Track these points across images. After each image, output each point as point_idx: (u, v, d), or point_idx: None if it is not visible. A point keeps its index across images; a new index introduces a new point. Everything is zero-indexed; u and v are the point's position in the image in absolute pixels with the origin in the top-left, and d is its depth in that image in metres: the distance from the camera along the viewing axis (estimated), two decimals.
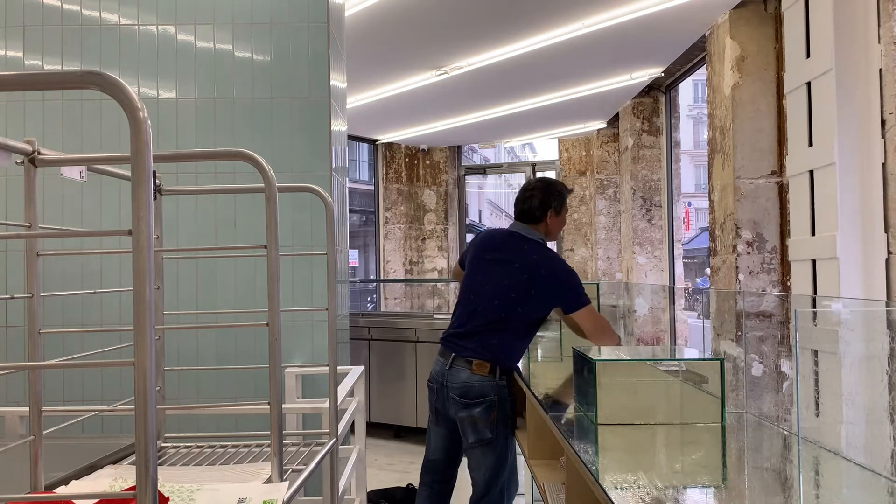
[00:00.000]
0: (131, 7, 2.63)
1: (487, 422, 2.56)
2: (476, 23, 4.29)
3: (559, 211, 2.74)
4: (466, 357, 2.59)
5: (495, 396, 2.56)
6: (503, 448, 2.60)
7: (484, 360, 2.57)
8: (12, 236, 1.08)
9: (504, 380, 2.59)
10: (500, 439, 2.59)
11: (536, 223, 2.73)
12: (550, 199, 2.72)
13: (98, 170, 1.35)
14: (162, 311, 1.58)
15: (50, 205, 2.55)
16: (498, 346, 2.59)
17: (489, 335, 2.60)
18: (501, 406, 2.58)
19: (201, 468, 1.42)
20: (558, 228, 2.79)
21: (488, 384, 2.56)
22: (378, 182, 8.22)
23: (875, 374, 1.50)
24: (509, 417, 2.62)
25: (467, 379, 2.58)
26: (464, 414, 2.58)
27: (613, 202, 7.23)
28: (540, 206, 2.71)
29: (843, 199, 2.79)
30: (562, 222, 2.78)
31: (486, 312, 2.62)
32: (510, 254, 2.68)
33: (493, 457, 2.58)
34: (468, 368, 2.58)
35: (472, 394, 2.57)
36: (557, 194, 2.74)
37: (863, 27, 2.80)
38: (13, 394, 2.26)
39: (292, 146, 2.65)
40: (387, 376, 5.62)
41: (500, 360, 2.58)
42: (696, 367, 1.93)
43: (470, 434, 2.59)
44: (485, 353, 2.58)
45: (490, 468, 2.59)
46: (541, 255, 2.66)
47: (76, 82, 0.77)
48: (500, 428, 2.58)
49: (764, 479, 1.48)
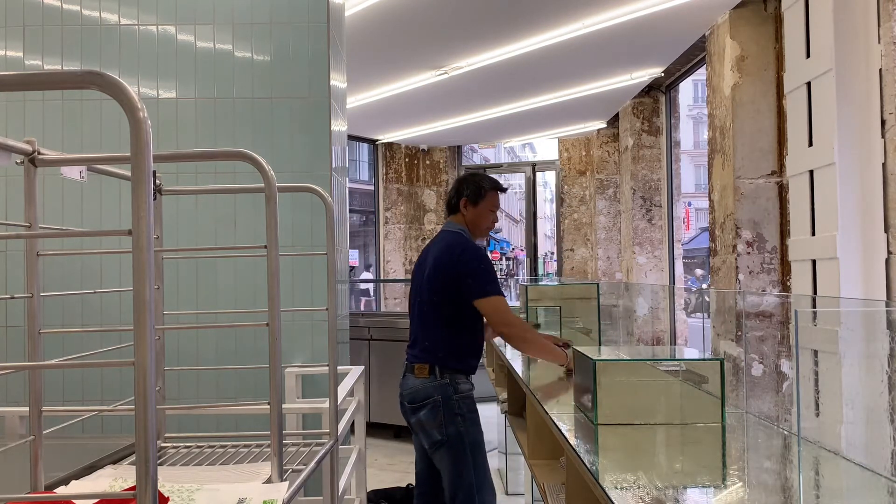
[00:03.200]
0: (131, 7, 2.63)
1: (434, 423, 2.55)
2: (476, 23, 4.29)
3: (475, 201, 2.70)
4: (410, 363, 2.65)
5: (438, 396, 2.55)
6: (459, 449, 2.55)
7: (423, 363, 2.60)
8: (12, 236, 1.08)
9: (447, 378, 2.57)
10: (454, 440, 2.54)
11: (454, 213, 2.75)
12: (463, 188, 2.73)
13: (98, 170, 1.35)
14: (162, 311, 1.58)
15: (50, 205, 2.55)
16: (431, 346, 2.61)
17: (424, 337, 2.64)
18: (447, 406, 2.55)
19: (201, 468, 1.42)
20: (479, 221, 2.73)
21: (430, 385, 2.57)
22: (378, 182, 8.22)
23: (875, 374, 1.50)
24: (460, 416, 2.57)
25: (412, 384, 2.62)
26: (413, 420, 2.62)
27: (613, 202, 7.23)
28: (455, 194, 2.75)
29: (843, 199, 2.79)
30: (481, 215, 2.72)
31: (417, 315, 2.69)
32: (434, 251, 2.70)
33: (450, 459, 2.55)
34: (412, 374, 2.63)
35: (418, 398, 2.59)
36: (471, 184, 2.73)
37: (863, 27, 2.80)
38: (13, 394, 2.26)
39: (292, 146, 2.65)
40: (387, 376, 5.62)
41: (438, 360, 2.59)
42: (696, 367, 1.93)
43: (423, 439, 2.60)
44: (423, 355, 2.61)
45: (450, 471, 2.55)
46: (450, 241, 2.67)
47: (76, 82, 0.77)
48: (449, 428, 2.54)
49: (764, 480, 1.48)
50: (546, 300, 3.46)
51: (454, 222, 2.74)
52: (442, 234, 2.74)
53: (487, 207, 2.72)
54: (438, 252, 2.65)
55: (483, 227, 2.76)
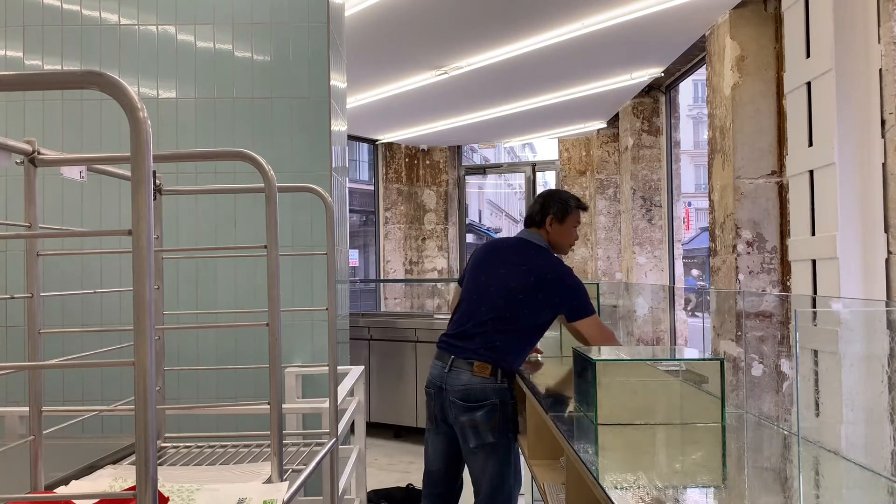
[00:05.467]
0: (131, 7, 2.63)
1: (489, 426, 2.50)
2: (476, 23, 4.29)
3: (561, 219, 2.72)
4: (467, 358, 2.54)
5: (497, 399, 2.51)
6: (506, 452, 2.55)
7: (485, 362, 2.52)
8: (12, 236, 1.08)
9: (506, 382, 2.54)
10: (503, 443, 2.53)
11: (538, 228, 2.74)
12: (550, 204, 2.73)
13: (98, 170, 1.35)
14: (162, 311, 1.58)
15: (50, 205, 2.55)
16: (501, 347, 2.54)
17: (492, 335, 2.55)
18: (504, 409, 2.53)
19: (201, 468, 1.42)
20: (563, 239, 2.75)
21: (490, 387, 2.51)
22: (378, 182, 8.22)
23: (875, 374, 1.50)
24: (512, 421, 2.57)
25: (468, 381, 2.52)
26: (465, 418, 2.52)
27: (613, 202, 7.23)
28: (540, 210, 2.74)
29: (843, 199, 2.79)
30: (566, 233, 2.74)
31: (489, 312, 2.58)
32: (517, 256, 2.67)
33: (497, 462, 2.52)
34: (469, 370, 2.53)
35: (473, 397, 2.51)
36: (558, 201, 2.74)
37: (863, 27, 2.80)
38: (13, 394, 2.26)
39: (292, 146, 2.65)
40: (387, 376, 5.62)
41: (502, 362, 2.53)
42: (696, 367, 1.93)
43: (472, 438, 2.52)
44: (486, 353, 2.53)
45: (494, 474, 2.53)
46: (549, 260, 2.67)
47: (76, 82, 0.77)
48: (502, 432, 2.53)
49: (764, 480, 1.48)
50: None
51: (538, 234, 2.73)
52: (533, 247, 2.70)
53: (572, 225, 2.75)
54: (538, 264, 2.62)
55: (567, 244, 2.78)
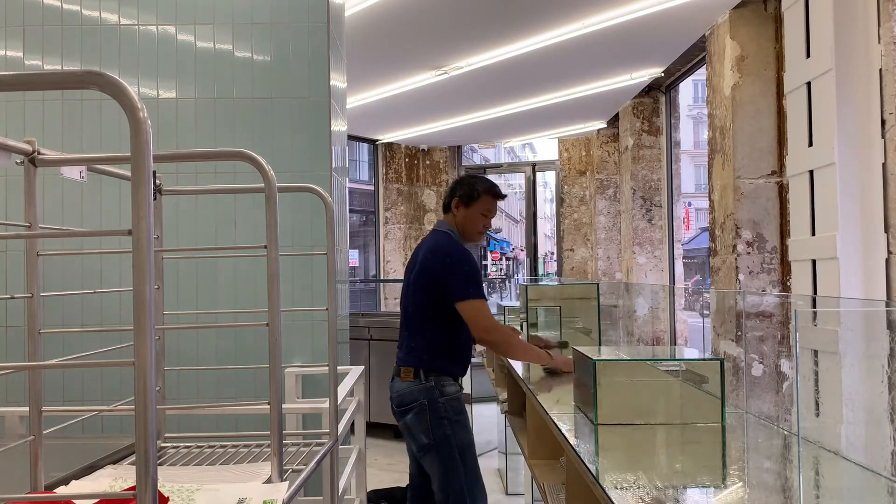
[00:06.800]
0: (131, 7, 2.63)
1: (421, 427, 2.54)
2: (476, 23, 4.29)
3: (467, 203, 2.66)
4: (397, 366, 2.65)
5: (424, 400, 2.54)
6: (447, 452, 2.53)
7: (408, 366, 2.60)
8: (12, 236, 1.08)
9: (432, 381, 2.55)
10: (441, 444, 2.53)
11: (446, 212, 2.75)
12: (457, 188, 2.71)
13: (98, 170, 1.35)
14: (162, 311, 1.58)
15: (50, 205, 2.55)
16: (417, 348, 2.60)
17: (410, 340, 2.63)
18: (433, 409, 2.54)
19: (201, 468, 1.42)
20: (470, 224, 2.67)
21: (415, 388, 2.56)
22: (378, 182, 8.22)
23: (875, 374, 1.50)
24: (446, 419, 2.55)
25: (399, 388, 2.62)
26: (401, 423, 2.62)
27: (613, 202, 7.23)
28: (449, 193, 2.74)
29: (843, 199, 2.79)
30: (473, 218, 2.67)
31: (404, 318, 2.69)
32: (419, 250, 2.71)
33: (438, 463, 2.53)
34: (399, 377, 2.63)
35: (404, 402, 2.59)
36: (466, 185, 2.70)
37: (863, 27, 2.80)
38: (13, 394, 2.26)
39: (292, 146, 2.65)
40: (387, 376, 5.60)
41: (422, 363, 2.58)
42: (696, 367, 1.93)
43: (411, 442, 2.61)
44: (408, 358, 2.61)
45: (440, 475, 2.53)
46: (438, 241, 2.64)
47: (76, 82, 0.77)
48: (436, 432, 2.53)
49: (764, 480, 1.48)
50: (546, 300, 3.46)
51: (445, 222, 2.72)
52: (431, 235, 2.73)
53: (479, 211, 2.66)
54: (425, 252, 2.64)
55: (473, 230, 2.68)
